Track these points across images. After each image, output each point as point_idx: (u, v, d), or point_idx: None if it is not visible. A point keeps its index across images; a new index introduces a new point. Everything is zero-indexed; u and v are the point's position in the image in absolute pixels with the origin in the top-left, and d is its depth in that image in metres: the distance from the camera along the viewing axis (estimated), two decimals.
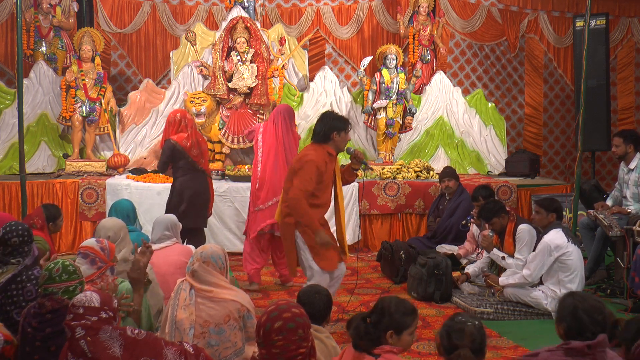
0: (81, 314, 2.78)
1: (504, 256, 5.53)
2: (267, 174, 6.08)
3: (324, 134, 4.83)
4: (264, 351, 2.58)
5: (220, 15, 10.32)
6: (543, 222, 5.34)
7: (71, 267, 3.25)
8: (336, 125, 4.83)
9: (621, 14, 10.85)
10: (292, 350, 2.54)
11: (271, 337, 2.55)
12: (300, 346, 2.56)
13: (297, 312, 2.62)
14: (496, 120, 9.58)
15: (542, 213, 5.35)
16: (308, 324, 2.63)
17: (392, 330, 2.89)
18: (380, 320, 2.91)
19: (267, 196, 6.07)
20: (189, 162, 6.21)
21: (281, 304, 2.66)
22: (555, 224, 5.27)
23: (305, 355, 2.58)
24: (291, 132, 6.18)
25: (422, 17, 9.56)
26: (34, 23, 8.97)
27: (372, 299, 5.74)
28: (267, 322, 2.57)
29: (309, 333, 2.64)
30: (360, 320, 2.94)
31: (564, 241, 5.13)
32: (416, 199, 7.98)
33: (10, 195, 7.56)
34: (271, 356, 2.56)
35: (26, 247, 3.81)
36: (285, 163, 5.99)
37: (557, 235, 5.14)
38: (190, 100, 8.35)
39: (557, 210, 5.32)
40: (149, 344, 2.84)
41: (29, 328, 3.11)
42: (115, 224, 4.33)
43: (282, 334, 2.54)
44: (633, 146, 6.27)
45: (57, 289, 3.18)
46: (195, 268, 3.65)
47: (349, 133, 4.97)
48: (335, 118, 4.94)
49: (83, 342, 2.72)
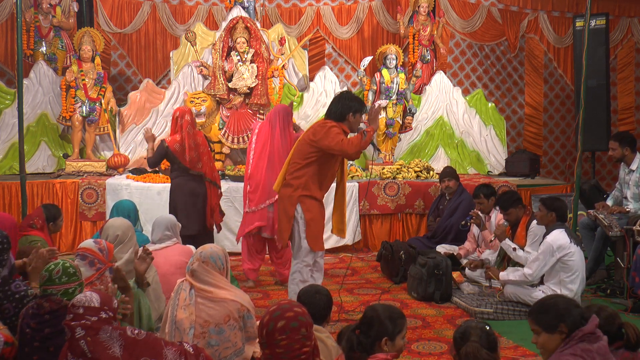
0: (81, 314, 2.77)
1: (515, 247, 5.53)
2: (261, 176, 6.06)
3: (340, 113, 4.84)
4: (267, 351, 2.57)
5: (220, 15, 10.32)
6: (543, 220, 5.34)
7: (71, 268, 3.24)
8: (353, 106, 4.84)
9: (621, 14, 10.85)
10: (296, 349, 2.53)
11: (274, 336, 2.54)
12: (304, 345, 2.55)
13: (300, 311, 2.61)
14: (496, 120, 9.58)
15: (542, 210, 5.34)
16: (311, 323, 2.62)
17: (387, 337, 2.91)
18: (370, 329, 2.94)
19: (260, 199, 6.07)
20: (181, 165, 6.18)
21: (283, 303, 2.65)
22: (558, 224, 5.26)
23: (309, 354, 2.57)
24: (287, 132, 6.14)
25: (422, 17, 9.56)
26: (34, 23, 8.97)
27: (372, 299, 5.73)
28: (270, 322, 2.57)
29: (312, 332, 2.63)
30: (351, 333, 2.96)
31: (567, 242, 5.12)
32: (416, 199, 7.98)
33: (10, 195, 7.57)
34: (275, 356, 2.55)
35: (5, 255, 3.67)
36: (281, 164, 5.99)
37: (560, 236, 5.13)
38: (190, 100, 8.35)
39: (557, 210, 5.30)
40: (148, 344, 2.84)
41: (28, 329, 3.10)
42: (123, 224, 4.33)
43: (285, 334, 2.53)
44: (629, 149, 6.28)
45: (57, 291, 3.17)
46: (195, 268, 3.66)
47: (362, 116, 4.97)
48: (352, 98, 4.93)
49: (83, 342, 2.72)
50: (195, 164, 6.16)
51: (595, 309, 3.24)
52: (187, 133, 6.12)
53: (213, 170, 6.34)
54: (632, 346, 3.06)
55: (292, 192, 4.87)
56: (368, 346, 2.93)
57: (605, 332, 3.15)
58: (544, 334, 2.78)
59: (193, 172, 6.17)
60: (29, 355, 3.09)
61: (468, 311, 5.41)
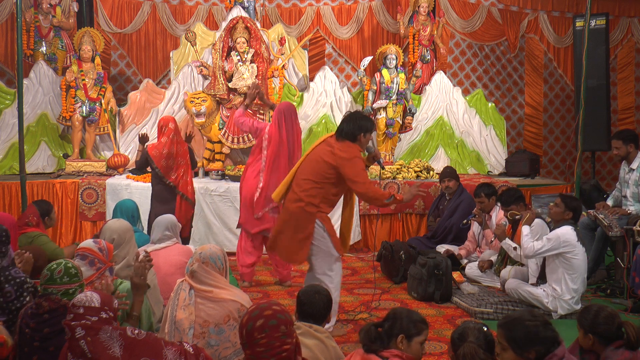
0: (81, 314, 2.77)
1: (515, 247, 5.53)
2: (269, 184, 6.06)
3: (352, 133, 4.85)
4: (248, 352, 2.57)
5: (220, 15, 10.33)
6: (558, 216, 5.30)
7: (73, 269, 3.25)
8: (364, 126, 4.86)
9: (621, 14, 10.85)
10: (277, 347, 2.53)
11: (254, 335, 2.53)
12: (285, 342, 2.54)
13: (278, 309, 2.60)
14: (496, 120, 9.58)
15: (560, 207, 5.30)
16: (290, 321, 2.61)
17: (403, 334, 2.91)
18: (391, 326, 2.96)
19: (264, 204, 6.09)
20: (156, 172, 6.22)
21: (262, 303, 2.65)
22: (570, 221, 5.25)
23: (291, 351, 2.56)
24: (294, 130, 6.14)
25: (422, 17, 9.56)
26: (34, 23, 8.97)
27: (372, 299, 5.73)
28: (249, 322, 2.56)
29: (293, 330, 2.63)
30: (372, 326, 2.97)
31: (575, 239, 5.12)
32: (416, 199, 7.98)
33: (10, 195, 7.56)
34: (256, 355, 2.54)
35: (3, 247, 3.76)
36: (287, 164, 5.99)
37: (570, 232, 5.13)
38: (190, 100, 8.34)
39: (574, 210, 5.29)
40: (148, 344, 2.84)
41: (27, 329, 3.10)
42: (121, 226, 4.31)
43: (264, 332, 2.53)
44: (634, 145, 6.27)
45: (57, 291, 3.17)
46: (195, 269, 3.65)
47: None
48: (363, 118, 4.96)
49: (83, 342, 2.72)
50: (168, 173, 6.23)
51: (595, 309, 3.25)
52: (170, 140, 6.23)
53: (187, 184, 6.40)
54: (632, 345, 3.06)
55: (306, 208, 4.80)
56: (385, 340, 2.93)
57: (605, 331, 3.16)
58: (511, 352, 2.71)
59: (166, 181, 6.24)
60: (29, 356, 3.09)
61: (468, 311, 5.42)
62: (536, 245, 5.13)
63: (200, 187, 7.62)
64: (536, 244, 5.14)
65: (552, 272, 5.25)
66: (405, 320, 2.97)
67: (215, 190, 7.66)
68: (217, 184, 7.75)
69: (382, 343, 2.93)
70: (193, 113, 8.17)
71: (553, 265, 5.22)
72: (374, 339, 2.92)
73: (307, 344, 3.23)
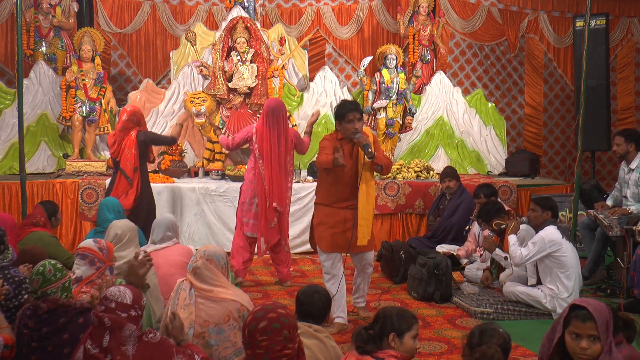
0: (113, 308, 2.80)
1: (506, 256, 5.54)
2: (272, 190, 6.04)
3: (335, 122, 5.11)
4: (249, 352, 2.56)
5: (220, 15, 10.33)
6: (538, 219, 5.36)
7: (57, 264, 3.31)
8: (337, 113, 5.02)
9: (621, 14, 10.86)
10: (277, 351, 2.50)
11: (255, 337, 2.52)
12: (286, 347, 2.52)
13: (283, 312, 2.58)
14: (496, 120, 9.58)
15: (537, 211, 5.37)
16: (295, 326, 2.59)
17: (394, 332, 2.90)
18: (382, 326, 2.96)
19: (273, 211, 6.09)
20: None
21: (267, 304, 2.63)
22: (550, 221, 5.29)
23: (292, 357, 2.54)
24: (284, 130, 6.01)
25: (422, 17, 9.56)
26: (34, 23, 8.97)
27: (372, 299, 5.73)
28: (252, 322, 2.54)
29: (296, 335, 2.60)
30: (362, 329, 2.97)
31: (559, 237, 5.15)
32: (416, 199, 7.98)
33: (10, 195, 7.56)
34: (256, 356, 2.53)
35: (1, 245, 3.79)
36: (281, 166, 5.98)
37: (554, 231, 5.17)
38: (190, 100, 8.35)
39: (552, 209, 5.35)
40: (160, 349, 2.84)
41: (25, 329, 3.10)
42: (126, 224, 4.42)
43: (266, 334, 2.51)
44: (634, 145, 6.27)
45: (56, 289, 3.18)
46: (199, 265, 3.65)
47: (353, 122, 4.86)
48: (337, 106, 5.09)
49: (107, 334, 2.73)
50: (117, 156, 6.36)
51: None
52: (123, 127, 6.32)
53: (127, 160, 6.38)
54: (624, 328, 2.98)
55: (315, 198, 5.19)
56: (377, 341, 2.93)
57: None
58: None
59: (116, 162, 6.40)
60: (28, 356, 3.09)
61: (468, 311, 5.41)
62: (523, 252, 5.16)
63: (200, 187, 7.62)
64: (523, 250, 5.17)
65: (545, 273, 5.26)
66: (394, 318, 2.96)
67: (216, 190, 7.66)
68: (217, 184, 7.75)
69: (375, 345, 2.92)
70: (193, 113, 8.16)
71: (545, 267, 5.24)
72: (366, 341, 2.92)
73: (307, 343, 3.22)
